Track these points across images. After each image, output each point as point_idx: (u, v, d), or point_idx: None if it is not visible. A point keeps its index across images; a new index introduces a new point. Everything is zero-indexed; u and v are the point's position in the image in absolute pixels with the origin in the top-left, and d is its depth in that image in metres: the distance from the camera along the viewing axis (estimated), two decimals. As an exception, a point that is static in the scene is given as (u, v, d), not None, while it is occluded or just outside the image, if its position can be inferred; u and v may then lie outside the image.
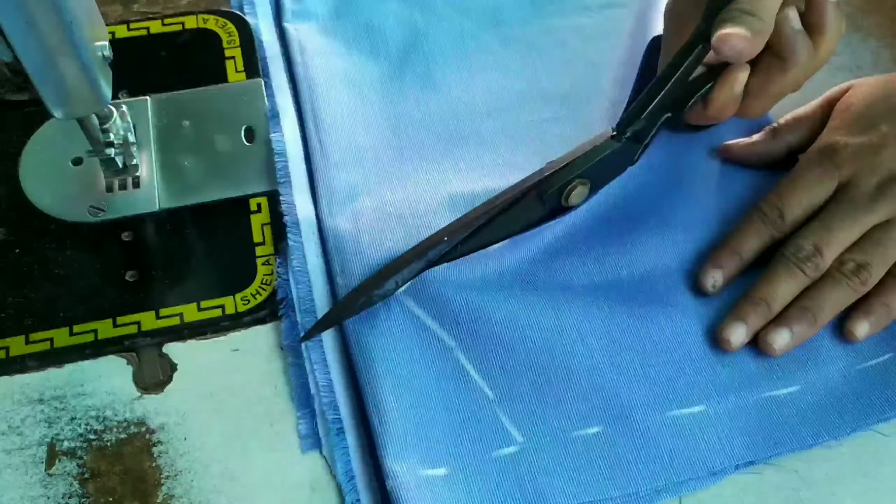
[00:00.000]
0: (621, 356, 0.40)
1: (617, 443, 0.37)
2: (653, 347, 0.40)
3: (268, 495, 0.37)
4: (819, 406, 0.39)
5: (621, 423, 0.38)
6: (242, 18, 0.50)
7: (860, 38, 0.52)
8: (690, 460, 0.37)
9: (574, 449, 0.37)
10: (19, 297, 0.41)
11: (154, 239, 0.43)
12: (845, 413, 0.39)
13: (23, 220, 0.43)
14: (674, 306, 0.41)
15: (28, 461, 0.37)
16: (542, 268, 0.42)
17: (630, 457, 0.37)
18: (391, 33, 0.49)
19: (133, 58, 0.48)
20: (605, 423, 0.38)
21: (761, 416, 0.39)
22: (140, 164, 0.44)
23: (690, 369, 0.40)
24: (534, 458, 0.37)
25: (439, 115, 0.47)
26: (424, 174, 0.44)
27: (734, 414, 0.39)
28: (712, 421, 0.38)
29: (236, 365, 0.40)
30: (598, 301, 0.41)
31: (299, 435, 0.38)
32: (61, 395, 0.39)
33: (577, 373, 0.39)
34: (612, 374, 0.39)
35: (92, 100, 0.37)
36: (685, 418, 0.38)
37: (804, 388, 0.39)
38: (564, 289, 0.41)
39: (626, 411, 0.38)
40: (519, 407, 0.38)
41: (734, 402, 0.39)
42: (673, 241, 0.43)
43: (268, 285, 0.42)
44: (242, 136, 0.46)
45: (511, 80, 0.48)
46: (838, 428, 0.38)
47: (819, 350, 0.40)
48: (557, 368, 0.39)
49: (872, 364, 0.40)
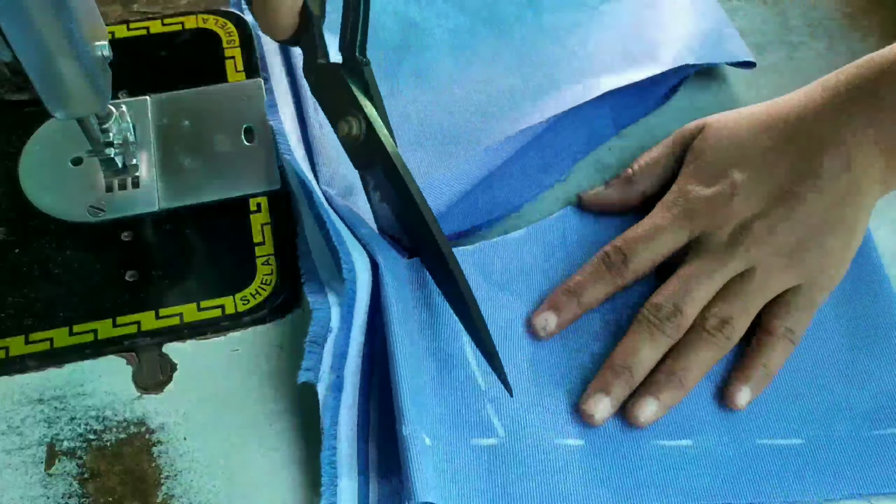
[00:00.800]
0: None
1: (596, 460, 0.37)
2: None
3: (268, 495, 0.37)
4: (816, 463, 0.38)
5: (604, 441, 0.38)
6: (242, 18, 0.50)
7: (859, 37, 0.52)
8: (668, 490, 0.37)
9: (552, 456, 0.37)
10: (19, 296, 0.41)
11: (154, 239, 0.43)
12: (842, 476, 0.38)
13: (22, 220, 0.43)
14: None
15: (28, 461, 0.37)
16: (565, 265, 0.42)
17: (605, 476, 0.37)
18: (388, 29, 0.49)
19: (133, 58, 0.48)
20: (587, 438, 0.38)
21: (752, 461, 0.38)
22: (140, 164, 0.44)
23: (687, 401, 0.39)
24: (509, 455, 0.37)
25: (434, 112, 0.46)
26: (422, 174, 0.44)
27: (721, 453, 0.38)
28: (697, 456, 0.38)
29: (236, 365, 0.40)
30: (608, 317, 0.41)
31: (302, 367, 0.37)
32: (61, 395, 0.39)
33: (572, 384, 0.39)
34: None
35: (92, 100, 0.37)
36: (671, 450, 0.38)
37: (806, 443, 0.38)
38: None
39: (610, 432, 0.38)
40: (507, 404, 0.38)
41: (724, 441, 0.38)
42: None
43: (268, 285, 0.42)
44: (242, 136, 0.46)
45: (507, 78, 0.48)
46: (832, 489, 0.37)
47: (829, 407, 0.39)
48: (553, 376, 0.39)
49: (882, 434, 0.39)
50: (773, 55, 0.51)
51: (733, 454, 0.38)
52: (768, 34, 0.52)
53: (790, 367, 0.40)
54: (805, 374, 0.40)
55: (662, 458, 0.38)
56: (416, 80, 0.48)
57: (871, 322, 0.41)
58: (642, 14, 0.49)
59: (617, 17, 0.49)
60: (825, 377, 0.40)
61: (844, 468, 0.38)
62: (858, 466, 0.38)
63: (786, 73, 0.51)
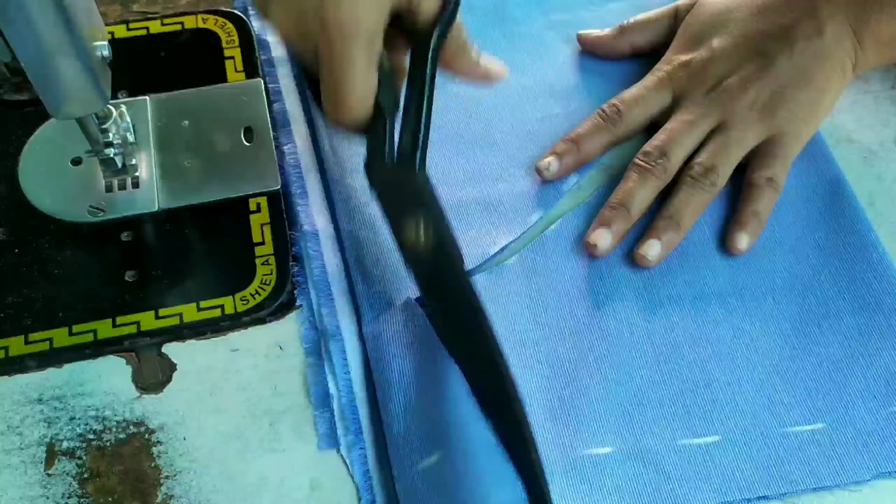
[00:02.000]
0: (634, 379, 0.40)
1: (626, 464, 0.37)
2: (669, 372, 0.40)
3: (267, 495, 0.37)
4: (841, 445, 0.38)
5: (632, 446, 0.38)
6: (242, 18, 0.50)
7: (859, 38, 0.52)
8: (701, 488, 0.37)
9: (583, 465, 0.37)
10: (19, 297, 0.41)
11: (153, 239, 0.43)
12: (867, 455, 0.38)
13: (22, 220, 0.43)
14: (697, 334, 0.41)
15: (27, 461, 0.37)
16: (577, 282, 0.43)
17: (640, 478, 0.37)
18: None
19: (132, 58, 0.48)
20: (616, 446, 0.38)
21: (779, 450, 0.38)
22: (139, 164, 0.44)
23: (700, 396, 0.39)
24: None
25: (448, 114, 0.47)
26: (439, 177, 0.44)
27: (749, 446, 0.38)
28: (726, 452, 0.38)
29: (236, 365, 0.40)
30: (610, 320, 0.41)
31: (317, 433, 0.38)
32: (61, 395, 0.39)
33: (589, 392, 0.39)
34: (627, 396, 0.39)
35: (91, 100, 0.37)
36: (698, 448, 0.38)
37: (828, 427, 0.39)
38: (584, 304, 0.42)
39: (637, 437, 0.38)
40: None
41: (750, 433, 0.38)
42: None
43: (267, 285, 0.42)
44: (242, 136, 0.46)
45: (518, 77, 0.48)
46: (859, 470, 0.38)
47: (847, 389, 0.40)
48: (564, 388, 0.39)
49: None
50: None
51: (761, 446, 0.38)
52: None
53: (803, 352, 0.41)
54: (818, 359, 0.41)
55: (692, 457, 0.38)
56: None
57: (875, 300, 0.42)
58: (647, 11, 0.50)
59: (623, 16, 0.50)
60: (838, 360, 0.40)
61: (868, 447, 0.38)
62: (881, 444, 0.38)
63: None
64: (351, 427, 0.38)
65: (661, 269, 0.43)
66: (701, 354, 0.40)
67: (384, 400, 0.38)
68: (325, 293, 0.41)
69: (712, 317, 0.41)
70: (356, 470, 0.37)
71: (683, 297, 0.42)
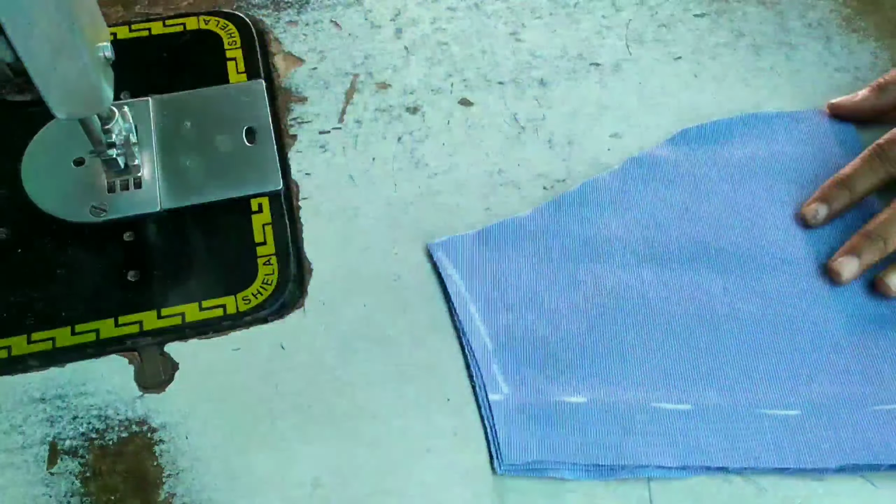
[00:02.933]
0: (621, 336, 0.41)
1: (597, 416, 0.39)
2: (647, 334, 0.41)
3: (269, 494, 0.37)
4: (814, 434, 0.39)
5: (601, 398, 0.39)
6: (243, 20, 0.50)
7: (858, 38, 0.53)
8: (664, 450, 0.38)
9: (552, 412, 0.39)
10: (21, 296, 0.41)
11: (155, 239, 0.43)
12: (837, 448, 0.39)
13: (25, 221, 0.43)
14: (691, 304, 0.42)
15: (30, 460, 0.38)
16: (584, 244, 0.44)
17: (608, 430, 0.38)
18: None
19: (135, 59, 0.48)
20: (589, 395, 0.39)
21: (750, 429, 0.39)
22: (142, 165, 0.44)
23: (683, 365, 0.40)
24: (513, 410, 0.39)
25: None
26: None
27: (721, 418, 0.39)
28: (693, 417, 0.39)
29: (237, 364, 0.40)
30: (608, 277, 0.43)
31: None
32: (63, 395, 0.39)
33: (574, 341, 0.41)
34: (611, 351, 0.41)
35: (94, 100, 0.37)
36: (667, 412, 0.39)
37: (805, 414, 0.39)
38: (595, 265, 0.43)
39: (608, 391, 0.39)
40: (511, 363, 0.40)
41: (724, 408, 0.39)
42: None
43: (269, 285, 0.42)
44: (243, 137, 0.46)
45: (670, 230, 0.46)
46: (827, 459, 0.38)
47: (829, 382, 0.40)
48: (558, 335, 0.41)
49: (879, 409, 0.40)
50: (770, 56, 0.52)
51: (731, 421, 0.39)
52: (766, 35, 0.53)
53: (791, 338, 0.41)
54: (805, 347, 0.41)
55: (661, 419, 0.39)
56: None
57: (873, 310, 0.42)
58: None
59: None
60: (826, 352, 0.41)
61: (840, 440, 0.39)
62: (853, 438, 0.39)
63: (783, 73, 0.51)
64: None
65: (671, 235, 0.44)
66: (690, 323, 0.41)
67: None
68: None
69: (708, 287, 0.42)
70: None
71: (683, 261, 0.43)
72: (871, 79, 0.50)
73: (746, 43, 0.52)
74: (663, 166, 0.46)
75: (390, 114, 0.49)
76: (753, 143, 0.47)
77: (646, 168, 0.46)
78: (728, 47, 0.52)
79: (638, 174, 0.46)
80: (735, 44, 0.52)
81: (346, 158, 0.47)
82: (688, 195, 0.46)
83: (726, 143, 0.47)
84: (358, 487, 0.38)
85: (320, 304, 0.42)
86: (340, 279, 0.43)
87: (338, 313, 0.42)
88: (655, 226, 0.45)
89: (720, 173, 0.46)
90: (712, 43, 0.52)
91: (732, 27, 0.53)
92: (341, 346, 0.41)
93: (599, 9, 0.53)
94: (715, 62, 0.51)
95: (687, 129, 0.48)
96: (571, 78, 0.50)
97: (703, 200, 0.45)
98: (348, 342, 0.41)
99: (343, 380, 0.40)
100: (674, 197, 0.46)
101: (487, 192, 0.46)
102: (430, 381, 0.40)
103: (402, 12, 0.53)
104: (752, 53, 0.52)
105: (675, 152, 0.47)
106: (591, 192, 0.45)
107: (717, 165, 0.47)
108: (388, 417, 0.39)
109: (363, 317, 0.42)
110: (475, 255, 0.43)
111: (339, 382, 0.40)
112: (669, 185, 0.46)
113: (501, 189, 0.46)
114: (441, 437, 0.39)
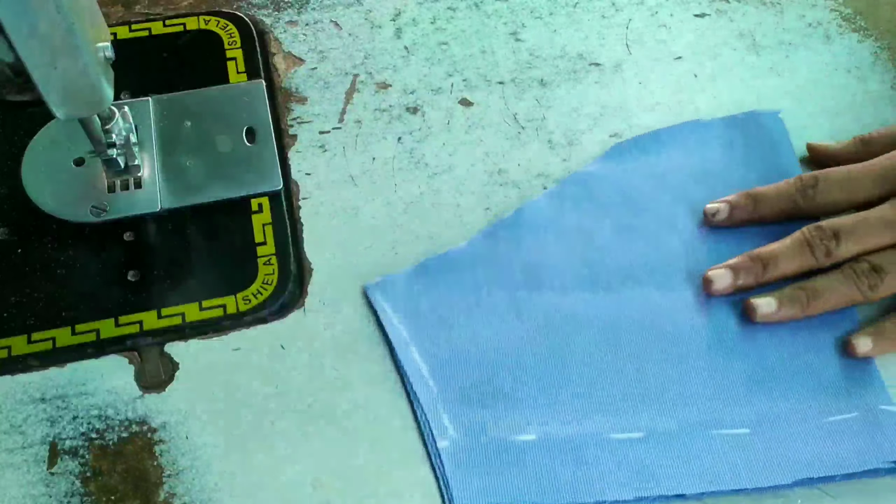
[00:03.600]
0: (568, 366, 0.40)
1: (549, 453, 0.38)
2: (593, 360, 0.40)
3: (268, 494, 0.37)
4: (766, 451, 0.38)
5: (556, 434, 0.38)
6: (244, 20, 0.50)
7: (859, 38, 0.53)
8: (620, 482, 0.37)
9: (503, 452, 0.38)
10: (21, 296, 0.41)
11: (156, 239, 0.43)
12: (790, 462, 0.38)
13: (25, 221, 0.43)
14: (639, 327, 0.41)
15: (30, 460, 0.38)
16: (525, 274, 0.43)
17: (562, 467, 0.38)
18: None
19: (135, 59, 0.48)
20: (539, 431, 0.38)
21: (701, 451, 0.38)
22: (142, 165, 0.44)
23: (632, 390, 0.40)
24: (462, 454, 0.38)
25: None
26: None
27: (672, 443, 0.38)
28: (645, 444, 0.38)
29: (237, 364, 0.40)
30: (560, 300, 0.42)
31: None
32: (63, 395, 0.39)
33: (522, 379, 0.40)
34: (559, 383, 0.40)
35: (94, 100, 0.37)
36: (619, 442, 0.38)
37: (755, 432, 0.39)
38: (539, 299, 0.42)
39: (561, 428, 0.39)
40: (457, 403, 0.39)
41: (675, 432, 0.39)
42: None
43: (269, 285, 0.42)
44: (244, 137, 0.46)
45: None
46: (781, 475, 0.38)
47: (778, 398, 0.40)
48: (503, 370, 0.40)
49: (828, 421, 0.39)
50: (771, 56, 0.52)
51: (685, 445, 0.38)
52: (766, 34, 0.53)
53: (738, 357, 0.41)
54: (751, 366, 0.41)
55: (613, 450, 0.38)
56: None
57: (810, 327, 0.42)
58: None
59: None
60: (771, 368, 0.40)
61: (792, 455, 0.38)
62: (804, 451, 0.38)
63: (783, 73, 0.51)
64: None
65: (610, 255, 0.43)
66: (637, 345, 0.41)
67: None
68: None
69: (652, 306, 0.42)
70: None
71: (624, 281, 0.42)
72: (871, 78, 0.51)
73: (746, 43, 0.52)
74: (598, 184, 0.45)
75: (390, 114, 0.49)
76: (686, 152, 0.46)
77: (580, 187, 0.45)
78: (728, 47, 0.52)
79: (572, 194, 0.45)
80: (735, 44, 0.52)
81: (346, 158, 0.47)
82: (624, 211, 0.44)
83: (660, 154, 0.46)
84: (358, 487, 0.38)
85: (320, 304, 0.42)
86: (340, 279, 0.43)
87: (338, 313, 0.42)
88: (594, 247, 0.43)
89: (655, 186, 0.45)
90: (712, 43, 0.52)
91: (732, 27, 0.53)
92: (341, 346, 0.41)
93: (599, 9, 0.53)
94: (715, 62, 0.51)
95: (620, 144, 0.47)
96: (571, 78, 0.50)
97: (640, 215, 0.44)
98: (348, 342, 0.41)
99: (343, 380, 0.40)
100: (610, 214, 0.44)
101: (487, 192, 0.46)
102: (430, 380, 0.40)
103: (402, 12, 0.53)
104: (752, 53, 0.52)
105: (609, 168, 0.46)
106: (527, 217, 0.44)
107: (652, 177, 0.46)
108: (388, 417, 0.39)
109: (363, 317, 0.42)
110: (412, 293, 0.42)
111: (339, 382, 0.40)
112: (605, 203, 0.45)
113: (501, 189, 0.46)
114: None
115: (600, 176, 0.46)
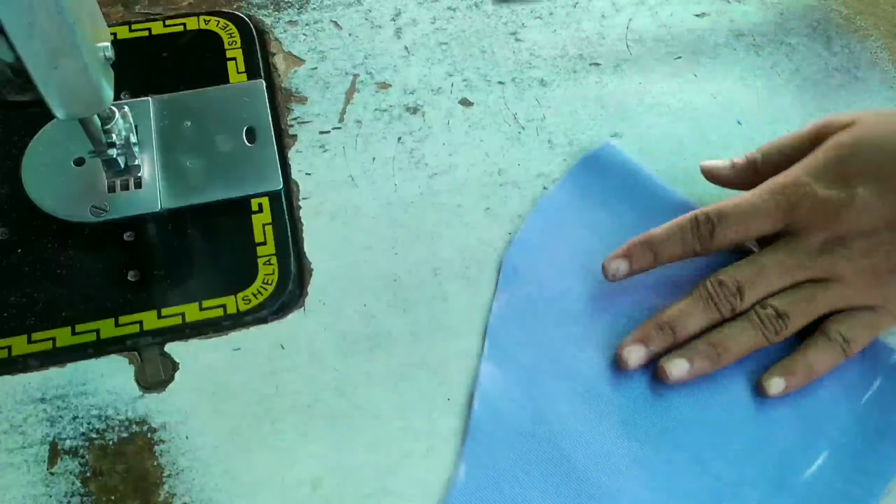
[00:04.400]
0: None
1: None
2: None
3: (268, 494, 0.37)
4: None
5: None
6: (244, 20, 0.50)
7: (858, 38, 0.53)
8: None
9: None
10: (21, 296, 0.41)
11: (156, 239, 0.43)
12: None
13: (25, 221, 0.43)
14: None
15: (30, 460, 0.38)
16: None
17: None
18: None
19: (135, 59, 0.48)
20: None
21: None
22: (142, 165, 0.44)
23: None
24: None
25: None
26: None
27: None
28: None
29: (237, 364, 0.40)
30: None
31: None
32: (63, 395, 0.39)
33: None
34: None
35: (94, 100, 0.37)
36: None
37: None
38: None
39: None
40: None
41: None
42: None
43: (269, 285, 0.42)
44: (244, 137, 0.46)
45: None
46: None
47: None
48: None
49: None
50: (771, 56, 0.52)
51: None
52: (766, 34, 0.53)
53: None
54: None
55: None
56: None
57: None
58: None
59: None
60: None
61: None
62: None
63: (784, 73, 0.51)
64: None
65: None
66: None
67: None
68: None
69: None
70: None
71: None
72: (871, 78, 0.51)
73: (746, 43, 0.52)
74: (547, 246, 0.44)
75: (390, 114, 0.49)
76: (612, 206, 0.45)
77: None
78: (728, 47, 0.52)
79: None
80: (735, 44, 0.52)
81: (346, 158, 0.47)
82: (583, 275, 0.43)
83: (590, 203, 0.45)
84: (358, 487, 0.38)
85: (320, 304, 0.42)
86: (340, 279, 0.43)
87: (338, 313, 0.42)
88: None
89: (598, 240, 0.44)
90: (712, 43, 0.52)
91: (732, 27, 0.53)
92: (341, 346, 0.41)
93: (599, 9, 0.53)
94: (715, 62, 0.51)
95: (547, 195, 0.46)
96: (571, 78, 0.50)
97: (589, 278, 0.43)
98: (348, 342, 0.41)
99: (343, 380, 0.40)
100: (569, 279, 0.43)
101: (487, 192, 0.46)
102: (430, 381, 0.40)
103: (402, 12, 0.53)
104: (752, 53, 0.52)
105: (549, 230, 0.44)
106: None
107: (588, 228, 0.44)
108: (389, 417, 0.39)
109: (363, 317, 0.42)
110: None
111: (339, 382, 0.40)
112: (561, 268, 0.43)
113: (501, 189, 0.46)
114: (441, 437, 0.39)
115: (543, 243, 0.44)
